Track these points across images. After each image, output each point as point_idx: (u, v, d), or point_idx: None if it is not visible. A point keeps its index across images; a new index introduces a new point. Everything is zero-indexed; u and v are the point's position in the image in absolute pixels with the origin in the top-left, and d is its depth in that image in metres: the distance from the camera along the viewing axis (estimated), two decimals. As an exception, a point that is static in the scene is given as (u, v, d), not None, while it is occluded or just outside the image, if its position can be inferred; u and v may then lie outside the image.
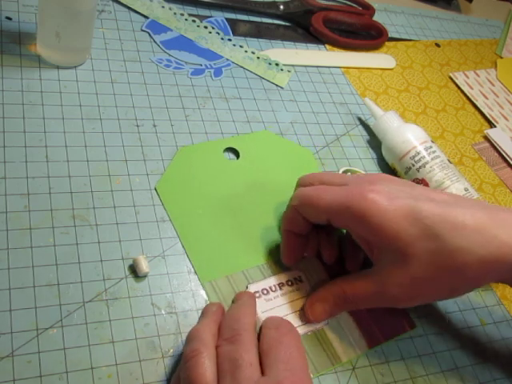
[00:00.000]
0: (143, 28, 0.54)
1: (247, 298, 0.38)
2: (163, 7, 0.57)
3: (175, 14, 0.57)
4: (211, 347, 0.32)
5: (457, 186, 0.48)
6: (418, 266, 0.35)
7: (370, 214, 0.35)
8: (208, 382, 0.30)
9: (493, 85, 0.69)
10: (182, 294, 0.38)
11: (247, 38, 0.59)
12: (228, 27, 0.59)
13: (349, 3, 0.69)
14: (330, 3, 0.68)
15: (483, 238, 0.34)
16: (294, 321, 0.39)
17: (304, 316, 0.40)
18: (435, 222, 0.34)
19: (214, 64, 0.55)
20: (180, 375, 0.32)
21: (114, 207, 0.41)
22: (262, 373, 0.32)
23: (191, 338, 0.33)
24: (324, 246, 0.42)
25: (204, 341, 0.32)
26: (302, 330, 0.39)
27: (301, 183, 0.42)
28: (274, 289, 0.40)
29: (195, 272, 0.40)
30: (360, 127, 0.56)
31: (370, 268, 0.38)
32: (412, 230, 0.35)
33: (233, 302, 0.38)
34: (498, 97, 0.68)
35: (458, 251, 0.34)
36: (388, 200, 0.35)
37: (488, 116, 0.64)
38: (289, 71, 0.58)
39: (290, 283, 0.41)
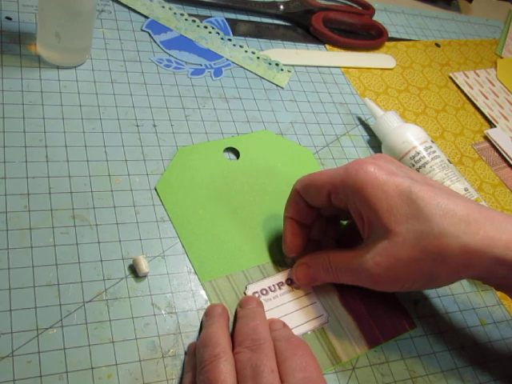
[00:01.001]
0: (143, 28, 0.54)
1: (256, 305, 0.38)
2: (163, 7, 0.57)
3: (175, 13, 0.57)
4: (229, 352, 0.33)
5: (457, 185, 0.48)
6: (402, 245, 0.34)
7: (367, 185, 0.36)
8: None
9: (493, 85, 0.69)
10: (182, 294, 0.38)
11: (247, 38, 0.59)
12: (228, 27, 0.59)
13: (349, 3, 0.69)
14: (330, 3, 0.68)
15: (470, 228, 0.34)
16: (294, 320, 0.39)
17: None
18: (427, 205, 0.34)
19: (214, 64, 0.55)
20: (197, 380, 0.32)
21: (114, 207, 0.41)
22: (281, 381, 0.32)
23: (207, 342, 0.34)
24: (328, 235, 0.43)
25: (222, 345, 0.33)
26: (302, 329, 0.39)
27: (297, 182, 0.42)
28: (273, 288, 0.40)
29: (195, 272, 0.40)
30: (360, 127, 0.56)
31: None
32: (403, 209, 0.35)
33: (239, 305, 0.38)
34: (498, 97, 0.68)
35: (443, 235, 0.34)
36: (387, 175, 0.36)
37: (488, 116, 0.64)
38: (289, 71, 0.58)
39: (289, 282, 0.41)
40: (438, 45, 0.71)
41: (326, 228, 0.43)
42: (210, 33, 0.57)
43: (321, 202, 0.39)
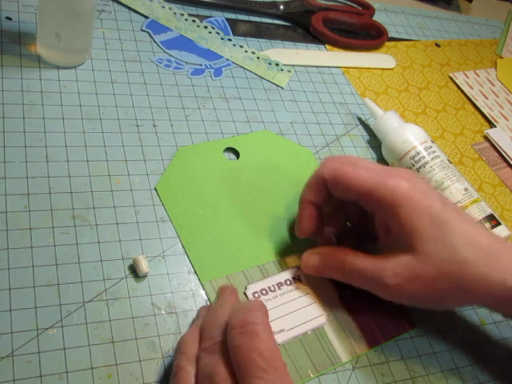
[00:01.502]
0: (143, 28, 0.54)
1: (228, 293, 0.37)
2: (163, 7, 0.57)
3: (175, 13, 0.57)
4: (194, 361, 0.32)
5: (457, 185, 0.48)
6: (425, 265, 0.36)
7: (402, 203, 0.36)
8: None
9: (493, 85, 0.69)
10: (182, 294, 0.38)
11: (247, 38, 0.59)
12: (228, 27, 0.59)
13: (349, 3, 0.69)
14: (330, 3, 0.68)
15: (490, 260, 0.35)
16: (294, 320, 0.39)
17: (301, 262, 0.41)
18: (455, 231, 0.36)
19: (214, 64, 0.55)
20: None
21: (114, 207, 0.41)
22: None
23: (177, 350, 0.33)
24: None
25: (188, 355, 0.32)
26: (301, 329, 0.39)
27: (324, 167, 0.40)
28: (273, 289, 0.40)
29: (195, 272, 0.40)
30: (360, 127, 0.56)
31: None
32: (432, 231, 0.36)
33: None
34: (498, 97, 0.68)
35: (465, 264, 0.35)
36: (422, 195, 0.36)
37: (488, 116, 0.64)
38: (289, 71, 0.58)
39: (288, 283, 0.41)
40: (437, 45, 0.71)
41: (342, 220, 0.43)
42: (210, 33, 0.57)
43: (346, 199, 0.39)
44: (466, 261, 0.35)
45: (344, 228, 0.44)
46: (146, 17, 0.56)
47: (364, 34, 0.67)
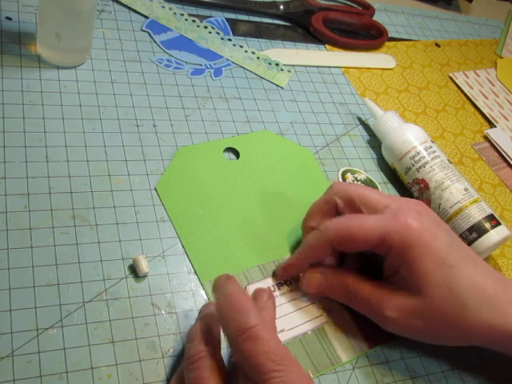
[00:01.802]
0: (143, 28, 0.54)
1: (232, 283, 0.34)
2: (163, 7, 0.57)
3: (175, 13, 0.57)
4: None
5: (457, 185, 0.48)
6: (427, 306, 0.36)
7: (413, 246, 0.36)
8: None
9: (493, 85, 0.69)
10: (182, 294, 0.38)
11: (247, 38, 0.59)
12: (228, 27, 0.59)
13: (349, 3, 0.69)
14: (330, 3, 0.68)
15: (491, 305, 0.36)
16: (294, 320, 0.39)
17: (300, 280, 0.40)
18: (460, 276, 0.36)
19: (214, 64, 0.55)
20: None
21: (114, 207, 0.41)
22: None
23: (192, 337, 0.33)
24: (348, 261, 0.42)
25: (206, 340, 0.32)
26: (301, 329, 0.39)
27: (334, 191, 0.40)
28: (273, 289, 0.40)
29: (195, 272, 0.40)
30: (360, 127, 0.56)
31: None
32: (438, 274, 0.36)
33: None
34: (498, 97, 0.68)
35: (467, 310, 0.36)
36: (431, 237, 0.37)
37: (488, 116, 0.64)
38: (289, 71, 0.58)
39: (288, 283, 0.41)
40: (438, 45, 0.71)
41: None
42: (210, 33, 0.57)
43: (355, 251, 0.39)
44: (468, 307, 0.36)
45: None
46: (146, 17, 0.56)
47: (364, 33, 0.67)
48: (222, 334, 0.33)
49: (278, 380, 0.28)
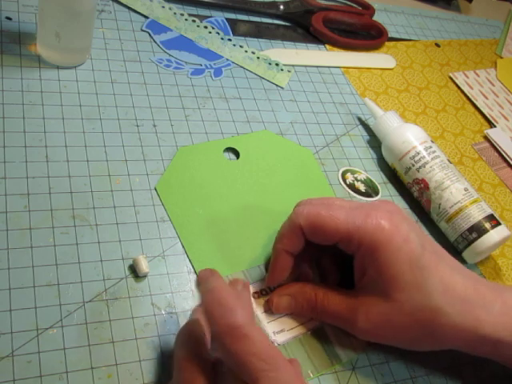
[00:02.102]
0: (143, 28, 0.54)
1: (215, 277, 0.32)
2: (163, 7, 0.57)
3: (175, 13, 0.57)
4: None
5: (457, 185, 0.48)
6: (398, 313, 0.36)
7: (382, 248, 0.35)
8: None
9: (493, 85, 0.69)
10: (182, 294, 0.38)
11: (247, 38, 0.59)
12: (228, 27, 0.59)
13: (349, 3, 0.69)
14: (330, 3, 0.68)
15: (463, 308, 0.35)
16: (294, 320, 0.39)
17: (267, 302, 0.39)
18: (431, 278, 0.35)
19: (214, 64, 0.55)
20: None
21: (114, 207, 0.41)
22: None
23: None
24: (327, 269, 0.41)
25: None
26: (301, 329, 0.39)
27: (301, 203, 0.39)
28: (273, 289, 0.40)
29: (195, 272, 0.40)
30: (360, 127, 0.56)
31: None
32: (409, 277, 0.35)
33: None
34: (497, 97, 0.68)
35: (439, 312, 0.35)
36: (402, 239, 0.36)
37: (488, 116, 0.64)
38: (289, 71, 0.58)
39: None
40: (438, 45, 0.71)
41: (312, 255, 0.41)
42: (210, 33, 0.57)
43: (325, 243, 0.38)
44: (439, 310, 0.35)
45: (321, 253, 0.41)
46: (146, 17, 0.56)
47: (364, 33, 0.67)
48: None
49: (268, 380, 0.28)
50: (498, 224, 0.47)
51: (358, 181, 0.51)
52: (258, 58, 0.57)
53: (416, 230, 0.37)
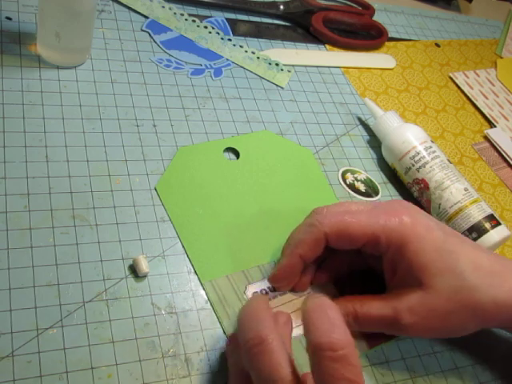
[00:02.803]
0: (143, 28, 0.54)
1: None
2: (163, 7, 0.57)
3: (175, 13, 0.57)
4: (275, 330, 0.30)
5: (457, 185, 0.48)
6: (438, 298, 0.36)
7: (410, 241, 0.36)
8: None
9: (493, 85, 0.69)
10: (182, 294, 0.38)
11: (247, 38, 0.59)
12: (228, 27, 0.59)
13: (349, 3, 0.69)
14: (330, 3, 0.68)
15: (495, 280, 0.36)
16: (294, 321, 0.39)
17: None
18: (460, 259, 0.36)
19: (214, 64, 0.55)
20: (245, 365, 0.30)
21: (114, 207, 0.41)
22: None
23: (248, 318, 0.31)
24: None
25: (267, 322, 0.30)
26: (302, 329, 0.39)
27: (317, 212, 0.39)
28: (272, 289, 0.40)
29: (195, 272, 0.40)
30: (360, 127, 0.56)
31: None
32: (439, 263, 0.36)
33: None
34: (498, 97, 0.68)
35: (475, 290, 0.36)
36: (425, 229, 0.37)
37: (488, 116, 0.64)
38: (289, 71, 0.58)
39: (289, 283, 0.41)
40: (438, 45, 0.71)
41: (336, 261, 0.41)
42: (210, 33, 0.57)
43: (349, 248, 0.38)
44: (475, 287, 0.36)
45: (341, 272, 0.42)
46: (146, 17, 0.56)
47: (364, 33, 0.67)
48: None
49: None
50: (498, 224, 0.47)
51: (358, 181, 0.51)
52: (258, 58, 0.57)
53: (433, 219, 0.39)
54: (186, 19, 0.57)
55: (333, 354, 0.28)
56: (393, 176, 0.53)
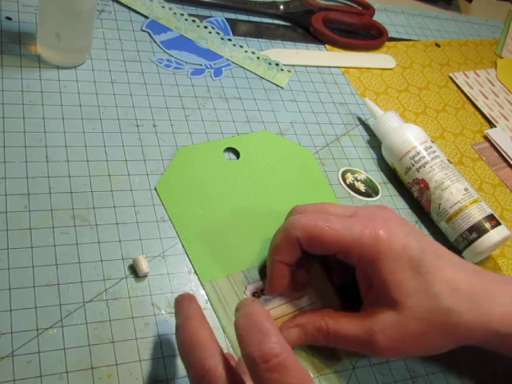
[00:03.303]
0: (143, 28, 0.54)
1: (187, 304, 0.32)
2: (163, 7, 0.57)
3: (175, 13, 0.57)
4: (222, 360, 0.29)
5: (457, 185, 0.48)
6: (411, 319, 0.35)
7: (382, 258, 0.35)
8: None
9: (493, 85, 0.69)
10: (182, 294, 0.38)
11: (247, 38, 0.59)
12: (228, 27, 0.59)
13: (349, 3, 0.69)
14: (330, 3, 0.68)
15: (472, 305, 0.35)
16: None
17: None
18: (435, 280, 0.35)
19: (214, 64, 0.55)
20: None
21: (114, 207, 0.41)
22: None
23: (191, 345, 0.30)
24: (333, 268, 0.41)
25: (211, 351, 0.29)
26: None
27: (296, 211, 0.39)
28: (273, 289, 0.40)
29: (195, 272, 0.40)
30: (360, 127, 0.56)
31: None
32: (413, 282, 0.35)
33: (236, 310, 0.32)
34: (498, 97, 0.68)
35: (449, 312, 0.35)
36: (400, 245, 0.36)
37: (488, 116, 0.64)
38: (289, 71, 0.58)
39: (289, 283, 0.41)
40: (438, 45, 0.71)
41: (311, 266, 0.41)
42: (210, 33, 0.57)
43: (323, 254, 0.37)
44: (450, 310, 0.35)
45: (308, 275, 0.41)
46: (146, 17, 0.56)
47: (364, 33, 0.67)
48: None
49: None
50: (498, 224, 0.47)
51: (358, 181, 0.51)
52: (258, 58, 0.57)
53: (414, 233, 0.37)
54: (186, 19, 0.57)
55: (268, 365, 0.27)
56: (393, 176, 0.53)
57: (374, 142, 0.55)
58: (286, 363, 0.27)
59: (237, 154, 0.48)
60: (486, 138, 0.62)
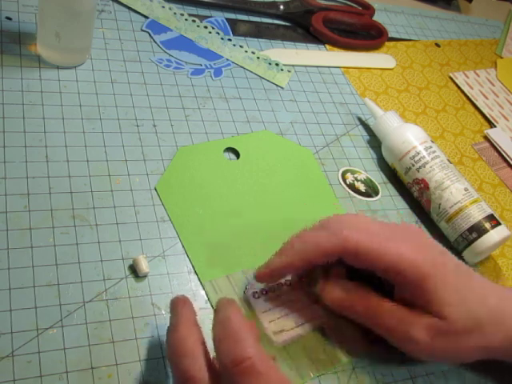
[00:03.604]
0: (143, 28, 0.54)
1: (181, 307, 0.33)
2: (163, 7, 0.57)
3: (175, 13, 0.57)
4: (206, 368, 0.29)
5: (457, 185, 0.48)
6: (450, 327, 0.35)
7: (426, 279, 0.35)
8: None
9: (493, 85, 0.69)
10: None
11: (247, 38, 0.59)
12: (228, 27, 0.59)
13: (349, 3, 0.69)
14: (330, 3, 0.68)
15: (498, 318, 0.37)
16: (293, 321, 0.39)
17: (319, 287, 0.38)
18: (471, 295, 0.37)
19: (214, 64, 0.55)
20: None
21: (114, 207, 0.41)
22: None
23: (179, 352, 0.30)
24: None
25: (196, 359, 0.30)
26: (301, 329, 0.39)
27: (340, 220, 0.38)
28: (272, 289, 0.40)
29: (195, 272, 0.40)
30: (360, 127, 0.56)
31: None
32: (454, 298, 0.36)
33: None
34: (498, 97, 0.68)
35: (482, 324, 0.36)
36: (442, 268, 0.36)
37: (488, 116, 0.64)
38: (289, 71, 0.58)
39: (288, 283, 0.41)
40: (438, 45, 0.71)
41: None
42: (210, 33, 0.57)
43: (360, 267, 0.37)
44: (483, 324, 0.36)
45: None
46: (146, 17, 0.56)
47: (364, 33, 0.67)
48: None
49: None
50: (498, 224, 0.47)
51: (358, 181, 0.51)
52: (258, 58, 0.57)
53: (444, 251, 0.38)
54: (186, 19, 0.57)
55: (239, 368, 0.27)
56: (393, 176, 0.53)
57: (374, 141, 0.55)
58: (258, 368, 0.27)
59: (237, 154, 0.48)
60: (486, 138, 0.62)
